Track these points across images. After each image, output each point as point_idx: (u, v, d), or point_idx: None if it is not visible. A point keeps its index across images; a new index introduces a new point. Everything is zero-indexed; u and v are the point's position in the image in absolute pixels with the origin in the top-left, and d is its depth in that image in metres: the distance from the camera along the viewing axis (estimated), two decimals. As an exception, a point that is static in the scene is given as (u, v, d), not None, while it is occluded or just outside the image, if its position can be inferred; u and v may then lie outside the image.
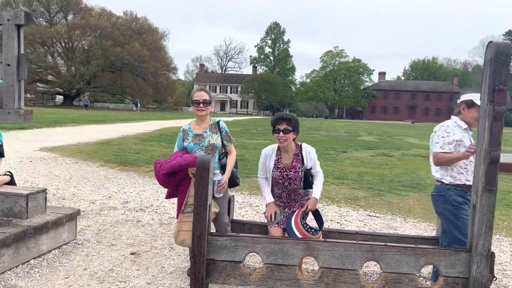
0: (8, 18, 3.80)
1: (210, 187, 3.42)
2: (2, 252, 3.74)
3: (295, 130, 3.71)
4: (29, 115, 3.94)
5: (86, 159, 10.89)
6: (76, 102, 70.12)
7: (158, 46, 70.62)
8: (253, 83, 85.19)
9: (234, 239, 3.36)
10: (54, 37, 63.83)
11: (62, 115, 31.02)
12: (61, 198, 6.66)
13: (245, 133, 23.43)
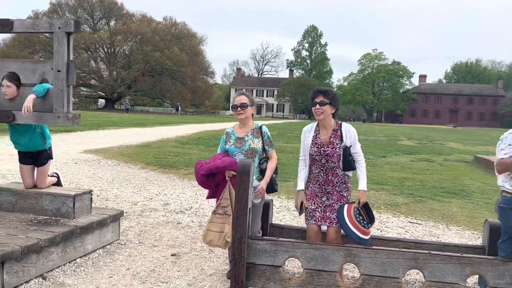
0: (59, 26, 3.97)
1: (251, 191, 3.44)
2: (51, 250, 3.89)
3: (333, 104, 3.64)
4: (77, 119, 4.10)
5: (128, 161, 11.19)
6: (117, 106, 72.21)
7: (197, 51, 71.72)
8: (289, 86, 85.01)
9: (274, 244, 3.37)
10: (97, 43, 66.06)
11: (104, 118, 32.01)
12: (105, 199, 6.87)
13: (281, 137, 23.40)
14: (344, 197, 3.71)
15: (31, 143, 4.52)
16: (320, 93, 3.66)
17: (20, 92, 4.22)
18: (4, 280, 3.40)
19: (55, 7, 66.52)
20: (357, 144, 3.68)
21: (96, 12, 69.90)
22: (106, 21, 71.55)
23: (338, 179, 3.69)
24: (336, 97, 3.70)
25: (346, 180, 3.72)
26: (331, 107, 3.64)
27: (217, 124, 36.14)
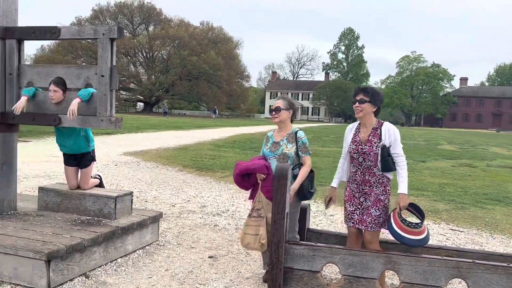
0: (103, 33, 4.10)
1: (288, 195, 3.44)
2: (94, 250, 4.02)
3: (372, 102, 3.58)
4: (119, 122, 4.22)
5: (166, 163, 11.40)
6: (155, 109, 73.77)
7: (232, 55, 72.34)
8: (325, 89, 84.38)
9: (312, 249, 3.35)
10: (136, 48, 67.77)
11: (143, 121, 32.77)
12: (144, 200, 7.02)
13: (317, 140, 23.24)
14: (381, 201, 3.57)
15: (76, 145, 4.69)
16: (360, 91, 3.63)
17: (66, 97, 4.39)
18: (50, 277, 3.53)
19: (97, 13, 68.74)
20: (398, 145, 3.56)
21: (136, 18, 71.72)
22: (145, 26, 73.28)
23: (375, 179, 3.58)
24: (378, 95, 3.62)
25: (385, 182, 3.59)
26: (371, 105, 3.59)
27: (252, 128, 36.29)
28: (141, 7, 70.50)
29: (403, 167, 3.56)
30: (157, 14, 72.00)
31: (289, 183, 3.47)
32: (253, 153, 14.98)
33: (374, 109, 3.62)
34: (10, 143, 4.69)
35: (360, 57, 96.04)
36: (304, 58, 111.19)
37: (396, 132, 3.57)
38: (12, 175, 4.74)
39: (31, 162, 10.31)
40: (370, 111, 3.60)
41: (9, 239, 3.76)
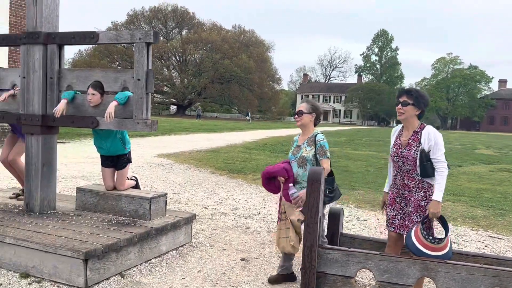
0: (140, 37, 4.20)
1: (321, 198, 3.42)
2: (129, 250, 4.10)
3: (416, 105, 3.47)
4: (154, 125, 4.30)
5: (198, 165, 11.53)
6: (187, 112, 74.77)
7: (264, 58, 72.54)
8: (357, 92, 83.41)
9: (346, 254, 3.31)
10: (170, 51, 68.96)
11: (176, 124, 33.27)
12: (177, 202, 7.12)
13: (349, 144, 22.97)
14: (422, 207, 3.44)
15: (112, 147, 4.81)
16: (404, 93, 3.55)
17: (104, 100, 4.51)
18: (87, 276, 3.63)
19: (132, 18, 70.40)
20: (439, 150, 3.40)
21: (169, 22, 72.99)
22: (179, 30, 74.47)
23: (414, 184, 3.48)
24: (422, 98, 3.51)
25: (426, 187, 3.45)
26: (414, 108, 3.49)
27: (283, 130, 36.23)
28: (175, 11, 71.70)
29: (442, 174, 3.39)
30: (190, 18, 73.05)
31: (323, 187, 3.44)
32: (284, 156, 14.94)
33: (418, 112, 3.51)
34: (50, 144, 4.85)
35: (394, 59, 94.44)
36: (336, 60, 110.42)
37: (437, 137, 3.43)
38: (52, 176, 4.90)
39: (68, 163, 10.63)
40: (413, 114, 3.51)
41: (49, 237, 3.89)
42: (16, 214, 4.68)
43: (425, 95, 3.56)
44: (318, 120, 3.99)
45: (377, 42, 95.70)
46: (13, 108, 4.93)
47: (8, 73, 5.15)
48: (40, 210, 4.75)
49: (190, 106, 75.28)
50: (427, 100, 3.55)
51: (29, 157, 4.78)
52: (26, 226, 4.22)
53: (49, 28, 4.74)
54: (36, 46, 4.66)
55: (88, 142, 16.34)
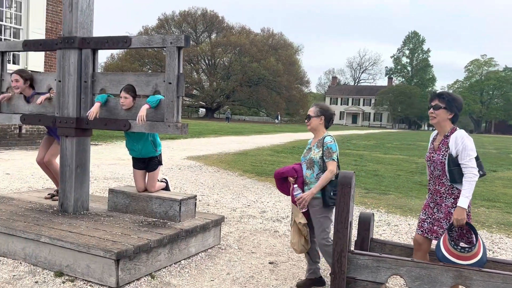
0: (171, 41, 4.26)
1: (352, 203, 3.38)
2: (159, 251, 4.15)
3: (448, 108, 3.40)
4: (185, 128, 4.35)
5: (227, 168, 11.59)
6: (216, 115, 75.35)
7: (292, 61, 72.39)
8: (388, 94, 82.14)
9: (376, 259, 3.25)
10: (199, 55, 69.68)
11: (205, 127, 33.58)
12: (206, 204, 7.18)
13: (379, 147, 22.63)
14: (452, 214, 3.34)
15: (144, 150, 4.90)
16: (436, 96, 3.48)
17: (136, 103, 4.59)
18: (119, 276, 3.69)
19: (163, 22, 71.52)
20: (467, 155, 3.28)
21: (199, 26, 73.75)
22: (208, 34, 75.16)
23: (444, 190, 3.40)
24: (455, 102, 3.43)
25: (455, 193, 3.35)
26: (447, 112, 3.42)
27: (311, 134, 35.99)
28: (204, 15, 72.42)
29: (469, 180, 3.24)
30: (219, 22, 73.63)
31: (353, 192, 3.40)
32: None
33: (450, 116, 3.43)
34: (84, 146, 4.98)
35: (425, 61, 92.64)
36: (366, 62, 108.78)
37: (465, 141, 3.31)
38: (85, 177, 5.02)
39: (101, 164, 10.87)
40: (445, 117, 3.43)
41: (82, 237, 3.98)
42: (51, 214, 4.81)
43: (458, 98, 3.47)
44: (329, 122, 3.99)
45: (408, 44, 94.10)
46: (49, 111, 5.09)
47: (44, 77, 5.32)
48: (73, 211, 4.87)
49: (219, 109, 75.84)
50: (461, 104, 3.46)
51: (64, 159, 4.91)
52: (61, 226, 4.34)
53: (83, 33, 4.87)
54: (71, 50, 4.80)
55: (120, 144, 16.68)
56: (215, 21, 73.07)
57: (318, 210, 3.78)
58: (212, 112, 72.96)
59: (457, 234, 3.36)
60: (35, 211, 4.91)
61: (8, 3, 13.97)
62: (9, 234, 4.22)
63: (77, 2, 4.80)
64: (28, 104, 5.23)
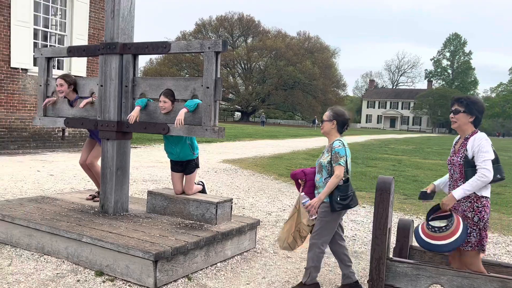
0: (209, 46, 4.31)
1: (391, 209, 3.31)
2: (196, 253, 4.20)
3: (468, 112, 3.41)
4: (222, 131, 4.39)
5: (262, 171, 11.61)
6: (251, 118, 75.69)
7: (329, 64, 71.89)
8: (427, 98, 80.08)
9: (416, 267, 3.17)
10: (235, 59, 70.31)
11: (240, 130, 33.78)
12: (241, 207, 7.21)
13: (418, 152, 22.07)
14: (469, 219, 3.30)
15: (182, 153, 4.98)
16: (455, 101, 3.51)
17: (174, 107, 4.68)
18: (157, 277, 3.76)
19: (200, 27, 72.66)
20: (481, 156, 3.25)
21: (235, 31, 74.45)
22: (244, 38, 75.74)
23: None
24: (475, 104, 3.41)
25: (472, 197, 3.29)
26: (467, 115, 3.42)
27: (347, 137, 35.51)
28: (241, 20, 73.03)
29: (478, 177, 3.21)
30: (255, 26, 74.06)
31: (393, 198, 3.33)
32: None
33: (471, 119, 3.43)
34: (124, 149, 5.11)
35: (467, 63, 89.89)
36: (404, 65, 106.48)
37: (482, 143, 3.29)
38: (125, 179, 5.15)
39: (140, 166, 11.13)
40: (466, 121, 3.44)
41: (122, 238, 4.08)
42: (92, 214, 4.96)
43: (478, 101, 3.47)
44: (342, 127, 3.94)
45: (448, 46, 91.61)
46: (91, 115, 5.25)
47: (87, 81, 5.50)
48: (113, 212, 5.00)
49: (254, 113, 76.18)
50: (481, 106, 3.45)
51: (105, 161, 5.06)
52: (101, 226, 4.47)
53: (125, 39, 5.00)
54: (113, 56, 4.94)
55: (158, 147, 17.03)
56: (251, 26, 73.54)
57: (323, 213, 3.76)
58: (248, 116, 73.36)
59: (433, 216, 3.42)
60: (77, 211, 5.07)
61: (54, 11, 14.56)
62: (53, 234, 4.37)
63: (118, 9, 4.94)
64: (71, 108, 5.42)
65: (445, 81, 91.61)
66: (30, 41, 13.34)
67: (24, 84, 13.46)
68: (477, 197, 3.30)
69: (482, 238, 3.29)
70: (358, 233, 6.04)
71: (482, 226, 3.29)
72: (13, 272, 3.96)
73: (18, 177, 8.80)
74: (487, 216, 3.30)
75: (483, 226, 3.29)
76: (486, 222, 3.30)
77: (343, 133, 3.98)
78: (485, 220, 3.29)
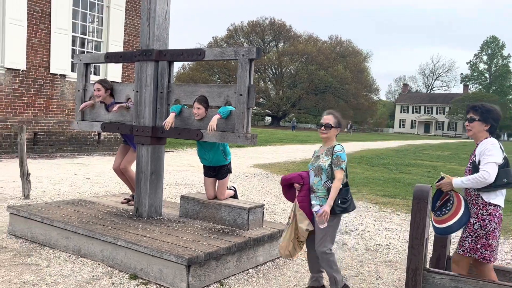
0: (243, 54, 4.34)
1: (428, 219, 3.22)
2: (228, 259, 4.21)
3: (483, 120, 3.44)
4: (254, 138, 4.39)
5: (293, 177, 11.54)
6: (282, 123, 75.58)
7: (361, 68, 71.01)
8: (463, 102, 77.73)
9: (455, 279, 3.07)
10: (266, 64, 70.39)
11: (270, 135, 33.77)
12: (273, 213, 7.19)
13: (454, 158, 21.48)
14: (470, 224, 3.37)
15: (215, 158, 5.02)
16: (470, 108, 3.55)
17: (208, 114, 4.72)
18: (189, 282, 3.79)
19: (232, 33, 73.18)
20: (485, 159, 3.30)
21: (267, 35, 74.60)
22: (275, 43, 75.78)
23: (470, 199, 3.45)
24: (490, 113, 3.44)
25: (479, 204, 3.35)
26: (482, 124, 3.46)
27: (380, 143, 35.00)
28: (272, 25, 73.13)
29: (478, 175, 3.26)
30: (287, 31, 73.97)
31: (430, 206, 3.25)
32: (382, 170, 14.41)
33: (486, 127, 3.46)
34: (159, 154, 5.19)
35: (505, 67, 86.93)
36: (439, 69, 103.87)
37: (488, 147, 3.34)
38: (159, 184, 5.23)
39: (172, 171, 11.28)
40: (481, 129, 3.47)
41: (155, 242, 4.13)
42: (127, 218, 5.05)
43: (493, 109, 3.47)
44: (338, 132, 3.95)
45: (486, 50, 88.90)
46: (127, 120, 5.37)
47: (123, 87, 5.63)
48: (147, 216, 5.08)
49: (284, 117, 76.02)
50: (496, 114, 3.46)
51: (140, 166, 5.15)
52: (136, 230, 4.54)
53: (160, 45, 5.09)
54: (148, 62, 5.04)
55: (190, 151, 17.23)
56: (282, 30, 73.53)
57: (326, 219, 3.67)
58: (278, 120, 73.27)
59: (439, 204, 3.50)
60: (112, 215, 5.18)
61: (91, 18, 15.01)
62: (89, 236, 4.48)
63: (154, 16, 5.04)
64: (108, 112, 5.56)
65: (482, 85, 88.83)
66: (68, 47, 13.79)
67: (63, 89, 13.91)
68: (484, 204, 3.33)
69: (478, 245, 3.31)
70: (392, 242, 5.92)
71: (483, 235, 3.30)
72: (51, 273, 4.08)
73: (56, 180, 9.08)
74: (493, 226, 3.29)
75: (484, 235, 3.30)
76: (489, 232, 3.29)
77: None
78: (487, 229, 3.29)
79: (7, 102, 12.56)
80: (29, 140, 12.67)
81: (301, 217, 3.79)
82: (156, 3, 5.02)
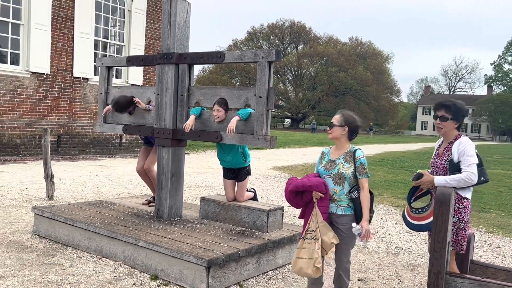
0: (263, 56, 4.35)
1: (451, 222, 3.17)
2: (247, 261, 4.22)
3: (455, 119, 3.52)
4: (273, 141, 4.40)
5: (313, 180, 11.49)
6: (301, 125, 75.36)
7: (382, 69, 70.34)
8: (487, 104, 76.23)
9: (479, 284, 3.01)
10: (286, 66, 70.35)
11: (290, 137, 33.73)
12: (292, 215, 7.17)
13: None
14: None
15: (234, 160, 5.04)
16: (442, 107, 3.55)
17: (228, 116, 4.74)
18: (209, 283, 3.81)
19: (251, 35, 73.38)
20: (467, 160, 3.37)
21: (286, 38, 74.56)
22: (295, 45, 75.67)
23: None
24: (461, 111, 3.53)
25: (455, 198, 3.34)
26: (454, 122, 3.54)
27: (401, 145, 34.56)
28: (292, 27, 73.05)
29: (463, 176, 3.33)
30: (306, 33, 73.78)
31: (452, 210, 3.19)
32: (403, 172, 14.21)
33: (457, 125, 3.56)
34: (179, 156, 5.24)
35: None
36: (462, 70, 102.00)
37: (467, 147, 3.42)
38: (179, 185, 5.27)
39: (192, 172, 11.36)
40: (452, 127, 3.55)
41: (176, 243, 4.17)
42: (148, 219, 5.11)
43: (463, 107, 3.56)
44: (353, 134, 3.62)
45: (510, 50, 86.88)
46: (148, 122, 5.44)
47: (144, 90, 5.70)
48: (168, 217, 5.13)
49: (304, 120, 75.77)
50: (466, 112, 3.60)
51: (160, 167, 5.21)
52: (156, 231, 4.59)
53: (180, 49, 5.15)
54: (169, 65, 5.10)
55: (209, 153, 17.33)
56: (302, 32, 73.37)
57: (348, 228, 3.45)
58: (297, 123, 73.08)
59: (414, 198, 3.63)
60: (134, 216, 5.25)
61: (113, 22, 15.26)
62: (111, 237, 4.55)
63: (175, 20, 5.10)
64: (130, 115, 5.63)
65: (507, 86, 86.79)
66: (91, 51, 14.05)
67: (85, 92, 14.17)
68: (460, 198, 3.44)
69: (459, 238, 3.45)
70: (414, 245, 5.83)
71: (462, 227, 3.44)
72: (74, 273, 4.15)
73: (78, 182, 9.25)
74: (467, 217, 3.47)
75: (463, 226, 3.44)
76: (466, 223, 3.47)
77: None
78: (464, 221, 3.45)
79: (32, 105, 12.86)
80: (53, 142, 12.94)
81: (325, 229, 3.43)
82: (177, 6, 5.07)
